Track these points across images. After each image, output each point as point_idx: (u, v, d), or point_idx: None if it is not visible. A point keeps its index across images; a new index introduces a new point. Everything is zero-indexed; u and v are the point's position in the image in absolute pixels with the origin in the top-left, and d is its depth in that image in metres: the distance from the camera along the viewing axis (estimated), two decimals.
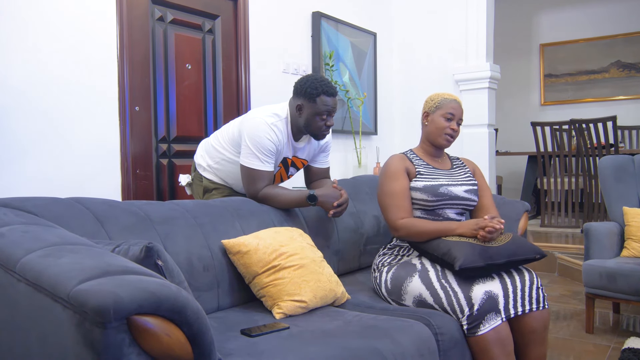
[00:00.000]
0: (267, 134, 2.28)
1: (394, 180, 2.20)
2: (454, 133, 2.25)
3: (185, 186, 2.69)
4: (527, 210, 2.65)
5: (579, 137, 5.05)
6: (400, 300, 2.08)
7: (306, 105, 2.31)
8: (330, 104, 2.31)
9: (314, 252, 2.07)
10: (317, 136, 2.39)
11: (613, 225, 3.16)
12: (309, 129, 2.35)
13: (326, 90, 2.29)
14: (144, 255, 1.30)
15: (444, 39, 4.82)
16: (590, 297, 2.96)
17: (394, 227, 2.16)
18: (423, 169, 2.26)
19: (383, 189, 2.23)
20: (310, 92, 2.28)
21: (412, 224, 2.13)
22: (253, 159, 2.29)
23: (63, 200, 1.71)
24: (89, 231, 1.63)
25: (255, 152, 2.28)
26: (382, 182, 2.25)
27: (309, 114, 2.31)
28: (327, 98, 2.30)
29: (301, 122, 2.34)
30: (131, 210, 1.82)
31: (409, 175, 2.22)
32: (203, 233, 1.95)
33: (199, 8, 3.27)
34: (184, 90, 3.19)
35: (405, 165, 2.24)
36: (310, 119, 2.32)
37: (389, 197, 2.19)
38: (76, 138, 2.65)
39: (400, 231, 2.15)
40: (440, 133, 2.25)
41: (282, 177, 2.53)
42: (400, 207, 2.16)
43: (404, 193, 2.19)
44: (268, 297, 1.91)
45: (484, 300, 1.88)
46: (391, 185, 2.20)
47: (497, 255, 1.93)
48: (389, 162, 2.26)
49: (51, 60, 2.56)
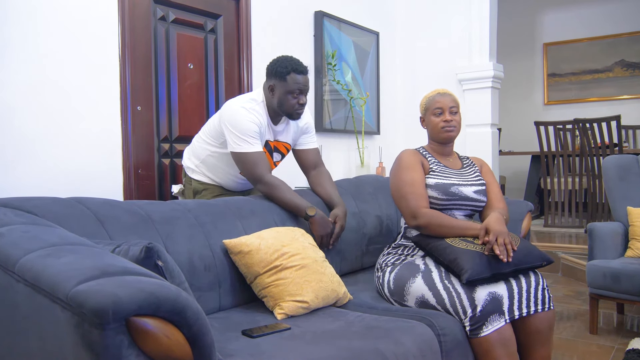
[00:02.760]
0: (247, 117, 2.30)
1: (411, 170, 2.18)
2: (450, 123, 2.24)
3: (178, 195, 2.69)
4: (530, 210, 2.63)
5: (583, 137, 5.03)
6: (403, 301, 2.07)
7: (278, 85, 2.34)
8: (301, 81, 2.34)
9: (315, 252, 2.06)
10: (292, 115, 2.40)
11: (617, 225, 3.14)
12: (282, 108, 2.37)
13: (296, 68, 2.33)
14: (144, 255, 1.30)
15: (447, 38, 4.80)
16: (594, 297, 2.95)
17: (416, 214, 2.10)
18: (435, 166, 2.25)
19: (402, 178, 2.18)
20: (280, 71, 2.32)
21: (434, 214, 2.10)
22: (241, 143, 2.29)
23: (63, 200, 1.70)
24: (89, 231, 1.62)
25: (241, 137, 2.29)
26: (398, 173, 2.21)
27: (281, 93, 2.33)
28: (298, 76, 2.33)
29: (275, 102, 2.36)
30: (132, 210, 1.82)
31: (423, 169, 2.22)
32: (204, 233, 1.94)
33: (201, 7, 3.26)
34: (186, 90, 3.18)
35: (420, 159, 2.23)
36: (282, 97, 2.34)
37: (409, 185, 2.15)
38: (77, 138, 2.65)
39: (420, 219, 2.09)
40: (438, 130, 2.26)
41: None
42: (422, 196, 2.14)
43: (423, 183, 2.17)
44: (270, 298, 1.90)
45: (487, 302, 1.87)
46: (410, 174, 2.17)
47: (504, 264, 1.90)
48: (403, 155, 2.25)
49: (53, 60, 2.55)
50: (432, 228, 2.09)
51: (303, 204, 2.29)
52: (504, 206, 2.24)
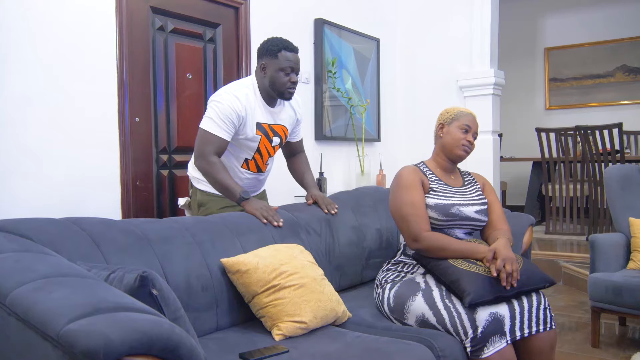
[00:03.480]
0: (228, 102, 2.32)
1: (412, 190, 2.14)
2: (470, 146, 2.22)
3: (185, 208, 2.66)
4: (531, 224, 2.61)
5: (584, 143, 5.00)
6: (403, 319, 2.04)
7: (269, 63, 2.37)
8: (292, 59, 2.37)
9: (314, 270, 2.04)
10: (283, 94, 2.41)
11: (619, 236, 3.11)
12: (274, 86, 2.38)
13: (286, 45, 2.37)
14: (139, 284, 1.27)
15: (448, 44, 4.77)
16: (596, 310, 2.92)
17: (418, 238, 2.06)
18: (436, 185, 2.21)
19: (402, 199, 2.14)
20: (271, 48, 2.36)
21: (437, 238, 2.06)
22: (210, 123, 2.31)
23: (58, 221, 1.68)
24: (85, 253, 1.60)
25: (213, 117, 2.31)
26: (398, 192, 2.17)
27: (273, 70, 2.36)
28: (288, 53, 2.37)
29: (267, 82, 2.38)
30: (128, 229, 1.79)
31: (423, 188, 2.18)
32: (202, 252, 1.92)
33: (200, 17, 3.24)
34: (185, 101, 3.16)
35: (420, 178, 2.19)
36: (274, 75, 2.36)
37: (410, 206, 2.11)
38: (74, 150, 2.62)
39: (422, 243, 2.06)
40: (458, 144, 2.20)
41: (267, 149, 2.50)
42: (423, 218, 2.10)
43: (423, 203, 2.14)
44: (268, 318, 1.87)
45: (488, 323, 1.84)
46: (411, 195, 2.13)
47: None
48: (403, 173, 2.21)
49: (49, 71, 2.53)
50: (433, 252, 2.06)
51: (237, 187, 2.30)
52: (507, 228, 2.21)
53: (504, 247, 1.99)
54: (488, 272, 1.93)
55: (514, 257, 1.96)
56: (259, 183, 2.64)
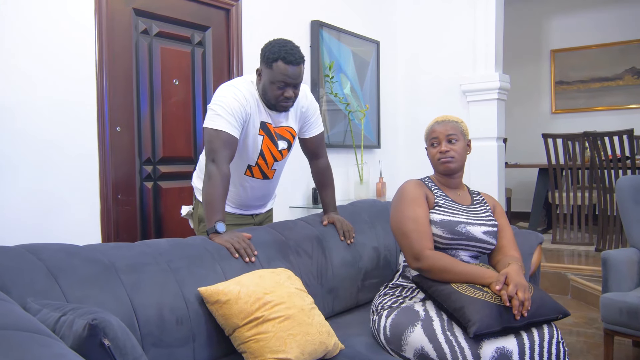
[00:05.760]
0: (232, 94, 2.08)
1: (416, 204, 1.98)
2: (446, 154, 2.04)
3: (188, 217, 2.47)
4: (540, 243, 2.42)
5: (593, 149, 4.80)
6: (400, 351, 1.86)
7: (264, 71, 2.10)
8: (288, 73, 2.05)
9: (303, 298, 1.85)
10: (275, 107, 2.15)
11: (632, 252, 2.92)
12: (265, 96, 2.13)
13: (285, 56, 2.03)
14: (87, 334, 1.09)
15: (450, 47, 4.58)
16: (609, 333, 2.73)
17: (419, 256, 1.89)
18: (442, 200, 2.05)
19: (404, 214, 1.98)
20: (268, 56, 2.06)
21: (441, 257, 1.88)
22: (216, 119, 2.04)
23: (12, 250, 1.50)
24: (40, 289, 1.42)
25: (219, 112, 2.05)
26: (400, 207, 2.01)
27: (265, 80, 2.09)
28: (285, 66, 2.04)
29: (260, 89, 2.13)
30: (93, 257, 1.61)
31: (427, 203, 2.01)
32: (177, 280, 1.73)
33: (187, 19, 3.05)
34: (171, 108, 2.98)
35: (425, 192, 2.03)
36: (266, 85, 2.10)
37: (413, 222, 1.94)
38: (50, 161, 2.45)
39: (423, 262, 1.88)
40: (435, 162, 2.09)
41: (271, 153, 2.25)
42: (426, 235, 1.93)
43: (427, 219, 1.97)
44: (249, 354, 1.69)
45: (494, 359, 1.66)
46: (414, 210, 1.96)
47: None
48: (407, 187, 2.05)
49: (23, 78, 2.35)
50: (435, 273, 1.87)
51: (217, 216, 1.99)
52: (519, 256, 2.02)
53: (517, 273, 1.81)
54: (496, 300, 1.74)
55: (527, 284, 1.78)
56: (268, 189, 2.41)
